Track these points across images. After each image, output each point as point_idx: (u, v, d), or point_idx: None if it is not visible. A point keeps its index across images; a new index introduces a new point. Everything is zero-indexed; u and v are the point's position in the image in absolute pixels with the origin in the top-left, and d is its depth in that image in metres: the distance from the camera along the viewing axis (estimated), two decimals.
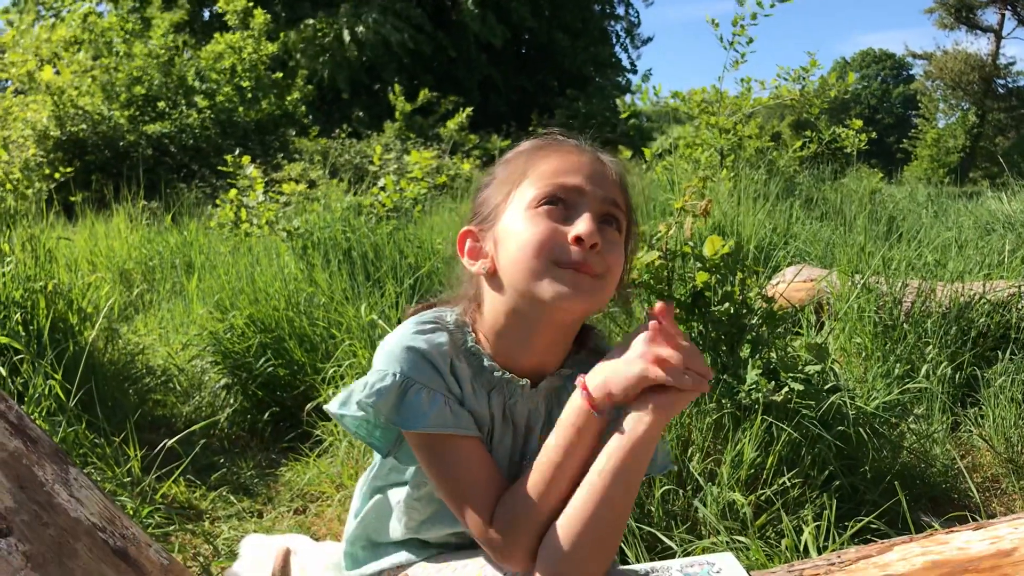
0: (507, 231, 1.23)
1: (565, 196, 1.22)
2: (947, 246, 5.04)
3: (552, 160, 1.25)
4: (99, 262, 5.88)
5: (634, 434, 1.13)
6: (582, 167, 1.25)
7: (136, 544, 1.34)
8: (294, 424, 3.46)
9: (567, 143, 1.30)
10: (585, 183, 1.23)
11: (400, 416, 1.19)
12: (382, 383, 1.19)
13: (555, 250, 1.18)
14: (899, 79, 62.10)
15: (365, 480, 1.45)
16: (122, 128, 13.08)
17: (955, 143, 28.73)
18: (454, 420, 1.20)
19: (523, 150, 1.31)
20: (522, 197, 1.24)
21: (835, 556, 1.60)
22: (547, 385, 1.31)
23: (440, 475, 1.22)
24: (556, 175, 1.23)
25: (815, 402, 2.50)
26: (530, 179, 1.24)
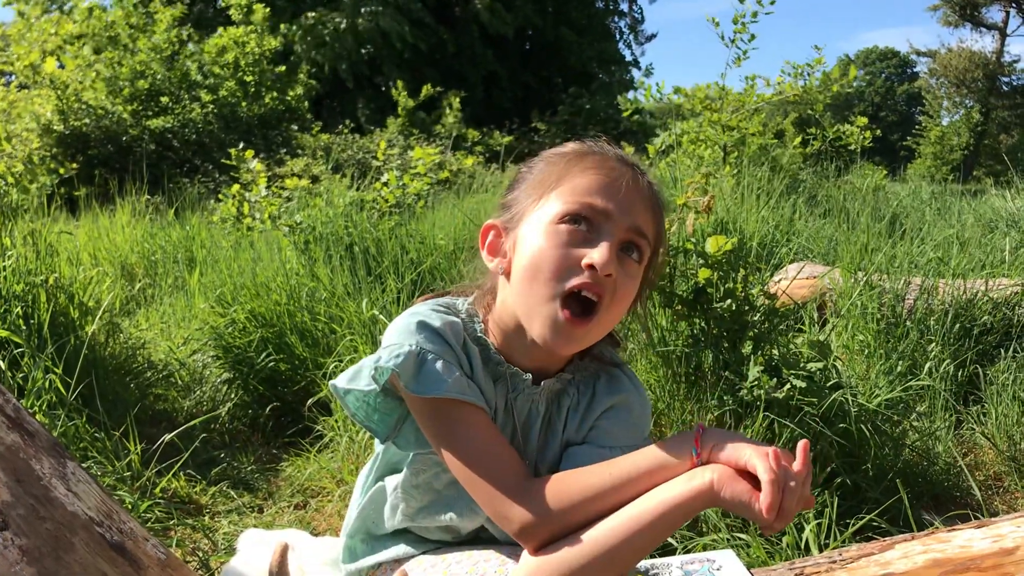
0: (525, 240, 1.22)
1: (591, 216, 1.18)
2: (950, 244, 5.03)
3: (590, 174, 1.21)
4: (101, 256, 5.87)
5: (684, 490, 1.10)
6: (618, 188, 1.20)
7: (133, 538, 1.33)
8: (295, 419, 3.46)
9: (610, 157, 1.24)
10: (615, 208, 1.18)
11: (418, 383, 1.18)
12: (400, 350, 1.19)
13: (563, 275, 1.17)
14: (903, 77, 61.97)
15: (365, 473, 1.44)
16: (125, 123, 13.08)
17: (959, 141, 28.67)
18: (470, 391, 1.20)
19: (566, 153, 1.26)
20: (550, 207, 1.20)
21: (836, 554, 1.59)
22: (549, 386, 1.31)
23: (455, 445, 1.20)
24: (588, 192, 1.19)
25: (817, 399, 2.49)
26: (562, 188, 1.20)
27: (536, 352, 1.26)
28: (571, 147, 1.28)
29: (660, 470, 1.14)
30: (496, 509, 1.17)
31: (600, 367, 1.35)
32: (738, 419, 2.52)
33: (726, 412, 2.54)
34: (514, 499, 1.16)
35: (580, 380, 1.33)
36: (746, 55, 7.27)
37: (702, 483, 1.09)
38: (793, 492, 1.05)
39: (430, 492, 1.32)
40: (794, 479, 1.06)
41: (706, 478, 1.09)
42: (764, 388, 2.48)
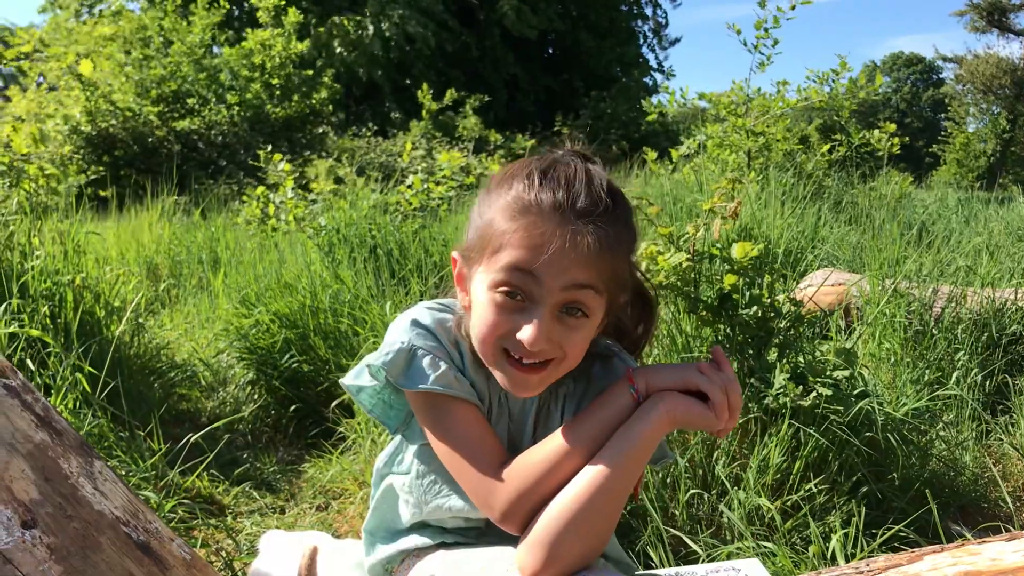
0: (475, 294, 1.24)
1: (522, 286, 1.17)
2: (978, 252, 4.98)
3: (523, 234, 1.16)
4: (127, 257, 5.92)
5: (642, 424, 1.20)
6: (549, 248, 1.15)
7: (159, 538, 1.34)
8: (317, 420, 3.46)
9: (545, 214, 1.17)
10: (546, 273, 1.16)
11: (406, 377, 1.25)
12: (392, 347, 1.26)
13: (504, 342, 1.20)
14: (929, 83, 61.52)
15: (376, 466, 1.48)
16: (152, 124, 13.19)
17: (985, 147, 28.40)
18: (457, 384, 1.26)
19: (508, 206, 1.19)
20: (489, 269, 1.20)
21: (863, 564, 1.57)
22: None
23: (442, 436, 1.27)
24: (519, 261, 1.16)
25: (843, 408, 2.47)
26: (498, 255, 1.18)
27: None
28: (512, 195, 1.20)
29: (611, 418, 1.22)
30: (480, 499, 1.24)
31: (590, 361, 1.35)
32: (763, 427, 2.50)
33: (751, 420, 2.51)
34: (493, 486, 1.22)
35: (575, 369, 1.33)
36: (770, 60, 7.24)
37: (656, 413, 1.20)
38: (735, 389, 1.20)
39: (438, 482, 1.34)
40: (730, 379, 1.21)
41: (658, 407, 1.20)
42: (790, 396, 2.46)
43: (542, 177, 1.19)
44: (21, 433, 1.29)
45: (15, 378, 1.38)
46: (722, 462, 2.46)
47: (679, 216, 6.06)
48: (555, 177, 1.19)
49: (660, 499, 2.33)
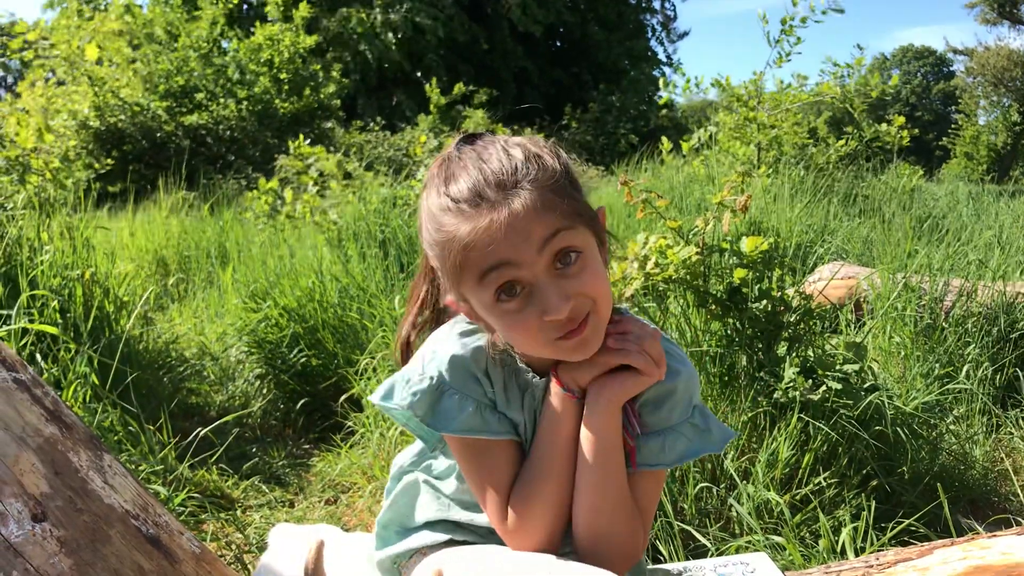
0: (487, 318, 1.21)
1: (511, 278, 1.14)
2: (989, 245, 4.95)
3: (467, 242, 1.13)
4: (136, 251, 5.94)
5: (592, 419, 1.24)
6: (496, 233, 1.12)
7: (168, 532, 1.34)
8: (326, 415, 3.47)
9: (473, 214, 1.13)
10: (514, 252, 1.12)
11: (433, 418, 1.24)
12: (420, 385, 1.25)
13: (544, 335, 1.17)
14: (939, 76, 61.19)
15: (397, 463, 1.48)
16: (160, 119, 13.21)
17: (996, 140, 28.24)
18: (482, 424, 1.25)
19: (438, 229, 1.17)
20: (472, 290, 1.17)
21: (873, 558, 1.57)
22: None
23: (468, 473, 1.29)
24: (483, 263, 1.13)
25: (853, 401, 2.46)
26: (467, 272, 1.15)
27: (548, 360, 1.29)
28: (435, 219, 1.18)
29: (568, 428, 1.26)
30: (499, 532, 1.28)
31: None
32: (772, 421, 2.49)
33: (760, 413, 2.51)
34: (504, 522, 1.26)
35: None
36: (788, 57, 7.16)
37: (600, 405, 1.23)
38: (648, 343, 1.22)
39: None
40: (638, 336, 1.23)
41: (599, 401, 1.23)
42: (799, 390, 2.45)
43: (445, 184, 1.18)
44: (31, 427, 1.29)
45: (25, 372, 1.38)
46: (731, 456, 2.45)
47: (689, 210, 6.05)
48: (453, 174, 1.18)
49: (669, 493, 2.33)
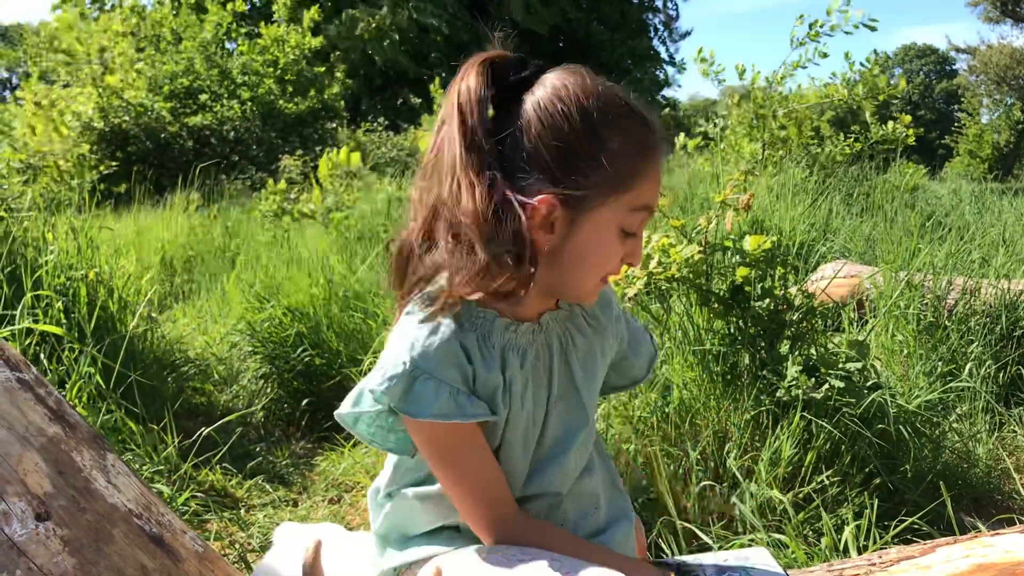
0: (586, 236, 1.19)
1: (643, 225, 1.24)
2: (993, 243, 4.95)
3: (652, 179, 1.20)
4: (141, 252, 5.95)
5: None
6: (660, 181, 1.23)
7: (172, 531, 1.35)
8: (330, 414, 3.46)
9: (659, 147, 1.21)
10: (656, 202, 1.23)
11: (406, 404, 1.18)
12: (394, 370, 1.18)
13: (602, 277, 1.24)
14: (942, 74, 61.06)
15: (375, 489, 1.43)
16: (164, 120, 13.24)
17: (999, 138, 28.22)
18: (455, 410, 1.19)
19: (645, 143, 1.19)
20: (620, 208, 1.18)
21: (876, 556, 1.57)
22: (551, 318, 1.31)
23: (437, 462, 1.24)
24: (651, 200, 1.21)
25: (855, 399, 2.46)
26: (634, 193, 1.18)
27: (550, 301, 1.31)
28: (635, 135, 1.18)
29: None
30: (471, 523, 1.27)
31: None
32: (775, 419, 2.49)
33: (763, 412, 2.51)
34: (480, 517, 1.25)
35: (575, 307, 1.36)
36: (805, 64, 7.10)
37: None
38: None
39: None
40: None
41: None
42: (802, 388, 2.45)
43: (647, 114, 1.21)
44: (35, 426, 1.30)
45: (28, 372, 1.39)
46: (734, 454, 2.45)
47: (693, 209, 6.05)
48: (646, 109, 1.22)
49: (671, 492, 2.33)
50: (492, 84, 1.16)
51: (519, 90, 1.18)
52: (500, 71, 1.18)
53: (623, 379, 1.50)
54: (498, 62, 1.18)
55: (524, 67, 1.20)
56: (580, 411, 1.34)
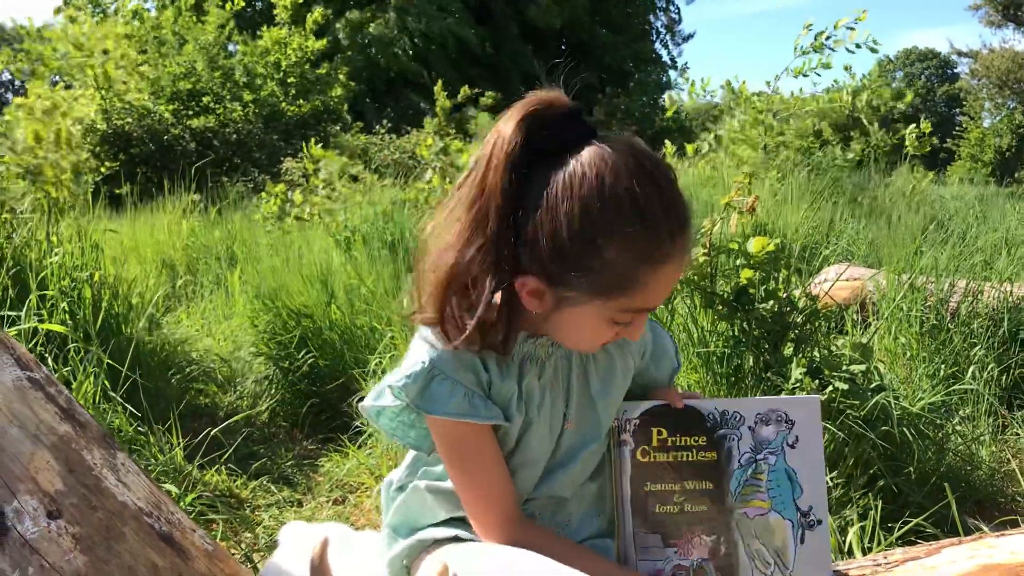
0: (574, 325, 1.21)
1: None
2: (996, 247, 4.96)
3: (652, 287, 1.15)
4: (144, 254, 5.96)
5: None
6: (674, 284, 1.21)
7: (181, 529, 1.35)
8: (334, 415, 3.48)
9: (679, 251, 1.15)
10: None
11: (423, 401, 1.23)
12: (413, 368, 1.24)
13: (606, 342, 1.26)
14: (943, 78, 61.07)
15: (389, 481, 1.46)
16: (167, 122, 13.26)
17: (1001, 142, 28.23)
18: (470, 409, 1.23)
19: (636, 253, 1.12)
20: (611, 307, 1.16)
21: (881, 557, 1.58)
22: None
23: (451, 461, 1.29)
24: (652, 304, 1.19)
25: (859, 401, 2.47)
26: (622, 301, 1.15)
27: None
28: (646, 239, 1.12)
29: None
30: (476, 525, 1.29)
31: None
32: None
33: None
34: (490, 523, 1.27)
35: None
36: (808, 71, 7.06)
37: None
38: None
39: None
40: None
41: None
42: (806, 390, 2.46)
43: (673, 213, 1.14)
44: (45, 425, 1.31)
45: (39, 371, 1.40)
46: None
47: (695, 213, 6.04)
48: (676, 204, 1.15)
49: None
50: (530, 140, 1.12)
51: (558, 152, 1.13)
52: (544, 124, 1.13)
53: (640, 390, 1.48)
54: (543, 113, 1.14)
55: (575, 120, 1.15)
56: (595, 426, 1.36)
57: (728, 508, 1.34)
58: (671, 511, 1.33)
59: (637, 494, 1.33)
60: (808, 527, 1.34)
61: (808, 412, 1.39)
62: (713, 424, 1.36)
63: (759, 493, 1.35)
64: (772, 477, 1.35)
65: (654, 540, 1.32)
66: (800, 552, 1.33)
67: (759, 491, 1.35)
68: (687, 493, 1.34)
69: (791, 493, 1.35)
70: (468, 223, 1.14)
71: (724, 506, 1.34)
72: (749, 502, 1.34)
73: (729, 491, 1.34)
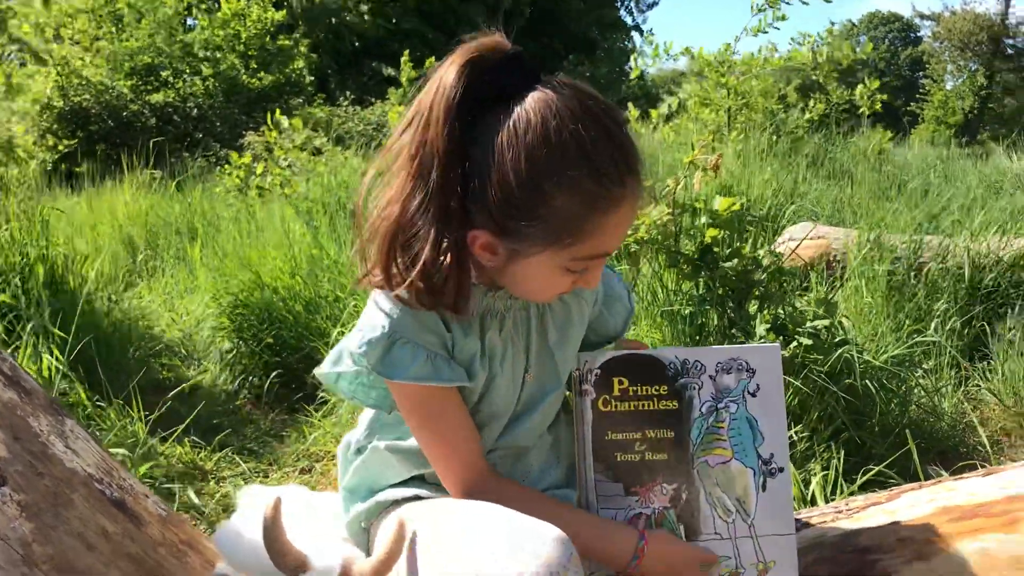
0: (528, 267, 1.16)
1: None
2: (962, 207, 5.00)
3: (603, 233, 1.12)
4: (102, 230, 5.86)
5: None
6: (627, 228, 1.18)
7: (134, 495, 1.33)
8: (299, 386, 3.45)
9: (630, 193, 1.12)
10: (617, 245, 1.19)
11: (384, 366, 1.19)
12: (373, 333, 1.19)
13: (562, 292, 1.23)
14: (907, 41, 61.31)
15: (347, 442, 1.44)
16: (125, 98, 13.02)
17: (963, 104, 28.48)
18: (433, 372, 1.20)
19: (585, 198, 1.08)
20: (564, 254, 1.13)
21: (843, 504, 1.58)
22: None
23: (416, 423, 1.25)
24: (607, 248, 1.15)
25: (823, 356, 2.47)
26: (574, 249, 1.12)
27: None
28: (594, 183, 1.08)
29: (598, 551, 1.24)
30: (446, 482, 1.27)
31: None
32: None
33: None
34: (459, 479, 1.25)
35: None
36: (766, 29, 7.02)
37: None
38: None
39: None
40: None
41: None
42: None
43: (621, 156, 1.10)
44: None
45: None
46: None
47: (661, 176, 6.04)
48: (625, 147, 1.11)
49: None
50: (472, 87, 1.07)
51: (501, 99, 1.08)
52: (485, 71, 1.08)
53: (597, 336, 1.47)
54: (485, 59, 1.08)
55: (517, 64, 1.10)
56: (553, 376, 1.34)
57: (689, 456, 1.33)
58: (632, 459, 1.32)
59: (599, 443, 1.32)
60: (769, 475, 1.34)
61: (769, 360, 1.38)
62: (674, 373, 1.35)
63: (720, 441, 1.34)
64: (733, 425, 1.35)
65: (615, 489, 1.32)
66: (761, 500, 1.33)
67: (720, 439, 1.34)
68: (648, 442, 1.33)
69: (752, 441, 1.34)
70: (411, 175, 1.09)
71: (685, 454, 1.33)
72: (711, 450, 1.34)
73: (690, 440, 1.33)
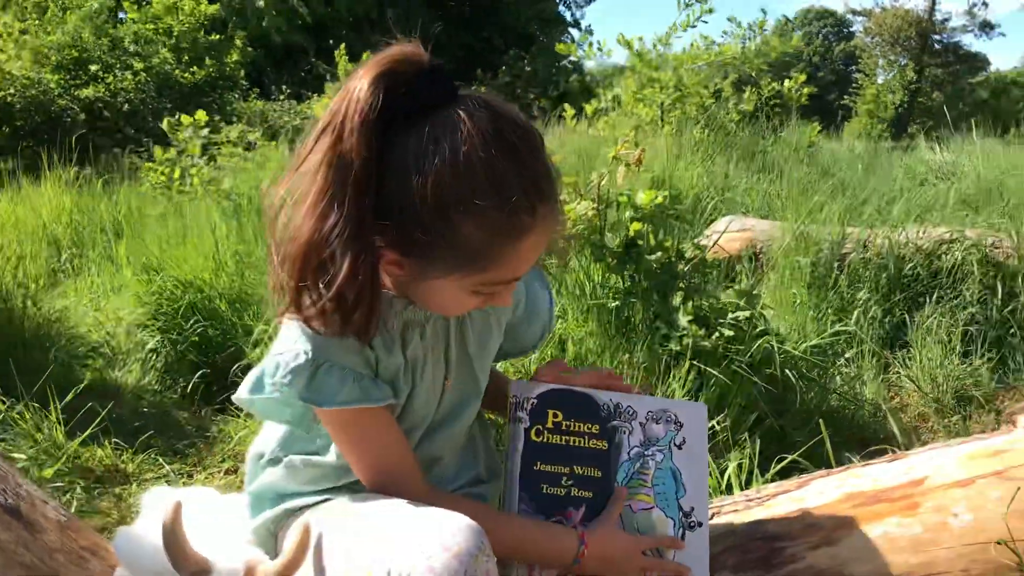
0: (436, 296, 1.14)
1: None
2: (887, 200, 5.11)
3: (510, 260, 1.08)
4: (24, 229, 5.70)
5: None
6: (536, 254, 1.11)
7: (30, 502, 1.29)
8: (225, 385, 3.39)
9: (540, 219, 1.07)
10: (526, 269, 1.13)
11: (311, 393, 1.15)
12: (295, 362, 1.15)
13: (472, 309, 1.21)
14: (840, 36, 62.43)
15: (256, 452, 1.41)
16: (53, 92, 12.69)
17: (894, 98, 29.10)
18: (361, 395, 1.17)
19: (492, 228, 1.04)
20: (466, 284, 1.10)
21: (755, 492, 1.61)
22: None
23: (345, 444, 1.23)
24: (516, 268, 1.11)
25: (743, 346, 2.51)
26: (481, 276, 1.09)
27: None
28: (499, 214, 1.03)
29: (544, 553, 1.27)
30: (375, 490, 1.24)
31: None
32: (667, 369, 2.53)
33: (655, 362, 2.54)
34: (394, 495, 1.21)
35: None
36: (695, 23, 7.09)
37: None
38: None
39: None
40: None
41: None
42: (692, 337, 2.49)
43: (532, 184, 1.05)
44: None
45: None
46: None
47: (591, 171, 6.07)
48: (537, 174, 1.07)
49: None
50: (386, 102, 1.01)
51: (415, 114, 1.04)
52: (400, 84, 1.03)
53: (514, 346, 1.46)
54: (400, 73, 1.03)
55: (433, 79, 1.05)
56: (472, 384, 1.34)
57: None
58: (558, 493, 1.34)
59: (527, 472, 1.34)
60: (689, 528, 1.37)
61: (696, 417, 1.43)
62: (607, 414, 1.39)
63: (645, 487, 1.37)
64: (658, 475, 1.38)
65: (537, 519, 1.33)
66: (680, 552, 1.35)
67: (645, 486, 1.37)
68: (576, 478, 1.35)
69: (675, 492, 1.38)
70: (322, 192, 1.03)
71: (610, 496, 1.35)
72: (635, 495, 1.36)
73: (616, 482, 1.36)
